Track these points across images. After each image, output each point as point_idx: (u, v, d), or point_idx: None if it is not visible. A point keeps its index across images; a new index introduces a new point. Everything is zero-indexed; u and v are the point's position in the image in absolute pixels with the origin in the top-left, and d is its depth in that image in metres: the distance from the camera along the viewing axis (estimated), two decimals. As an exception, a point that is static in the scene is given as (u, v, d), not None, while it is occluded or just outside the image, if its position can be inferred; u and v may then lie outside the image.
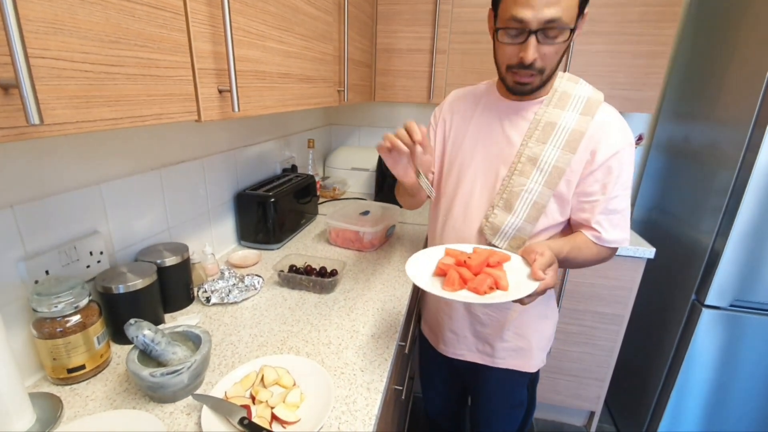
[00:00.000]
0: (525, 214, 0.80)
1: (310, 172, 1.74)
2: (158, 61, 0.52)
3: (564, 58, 0.79)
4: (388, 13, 1.56)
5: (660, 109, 1.73)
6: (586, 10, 0.71)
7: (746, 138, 1.22)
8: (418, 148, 0.73)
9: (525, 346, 0.94)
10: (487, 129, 0.86)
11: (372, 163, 1.89)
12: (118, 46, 0.46)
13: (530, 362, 0.96)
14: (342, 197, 1.87)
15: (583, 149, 0.77)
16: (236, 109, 0.64)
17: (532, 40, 0.67)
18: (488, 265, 0.71)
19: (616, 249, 0.84)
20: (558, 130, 0.77)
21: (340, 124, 2.13)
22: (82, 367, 0.67)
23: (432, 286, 0.67)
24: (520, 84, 0.75)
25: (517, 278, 0.68)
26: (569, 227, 0.87)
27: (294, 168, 1.63)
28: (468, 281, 0.67)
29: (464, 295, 0.66)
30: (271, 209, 1.24)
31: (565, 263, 0.80)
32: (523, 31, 0.67)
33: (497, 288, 0.66)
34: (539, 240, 0.83)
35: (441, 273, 0.71)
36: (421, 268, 0.74)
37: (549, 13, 0.64)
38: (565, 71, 1.21)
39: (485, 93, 0.90)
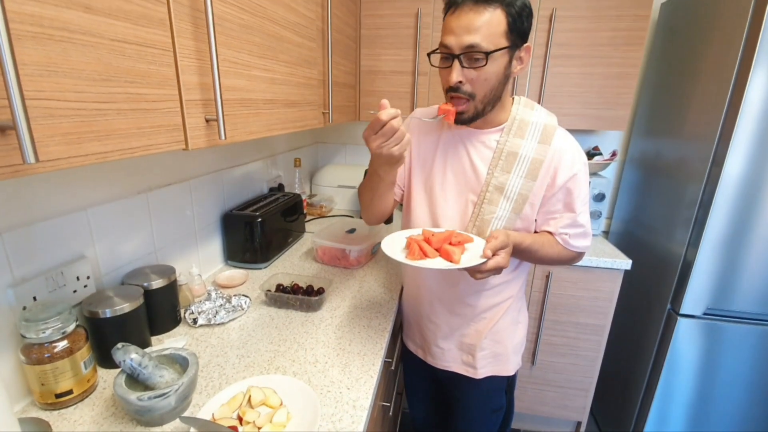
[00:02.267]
0: None
1: (297, 191, 1.77)
2: (147, 95, 0.54)
3: (510, 86, 0.84)
4: (371, 37, 1.62)
5: (632, 126, 1.82)
6: (528, 44, 0.78)
7: (711, 152, 1.29)
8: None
9: (501, 351, 1.00)
10: (454, 155, 0.90)
11: (358, 181, 1.92)
12: (109, 83, 0.48)
13: (507, 366, 1.02)
14: (329, 214, 1.90)
15: (543, 175, 0.84)
16: (223, 137, 0.67)
17: (456, 63, 0.74)
18: (450, 243, 0.79)
19: (581, 254, 0.92)
20: (520, 160, 0.83)
21: (326, 143, 2.16)
22: (70, 392, 0.68)
23: (400, 257, 0.78)
24: (457, 112, 0.79)
25: (473, 257, 0.78)
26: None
27: (281, 187, 1.66)
28: (428, 255, 0.78)
29: (423, 263, 0.76)
30: (258, 229, 1.26)
31: (526, 255, 0.87)
32: (450, 56, 0.75)
33: (450, 261, 0.76)
34: None
35: (409, 246, 0.82)
36: (395, 243, 0.85)
37: (468, 39, 0.72)
38: (525, 95, 1.28)
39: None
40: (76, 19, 0.43)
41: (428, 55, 0.80)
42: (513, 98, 0.89)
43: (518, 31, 0.74)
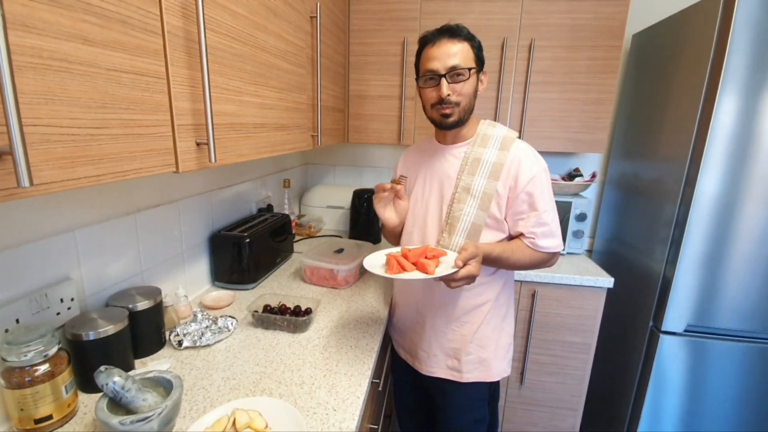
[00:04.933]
0: (466, 233, 0.98)
1: (286, 211, 1.78)
2: (140, 120, 0.56)
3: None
4: (359, 63, 1.68)
5: (610, 148, 1.89)
6: (484, 69, 0.99)
7: (684, 173, 1.35)
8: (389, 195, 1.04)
9: (486, 357, 1.07)
10: (432, 171, 1.06)
11: (347, 201, 1.95)
12: (104, 110, 0.50)
13: (491, 372, 1.08)
14: (317, 235, 1.91)
15: (505, 177, 0.97)
16: (213, 159, 0.69)
17: (444, 81, 0.92)
18: (426, 257, 0.88)
19: (555, 254, 1.01)
20: (483, 164, 0.98)
21: (315, 164, 2.19)
22: (50, 417, 0.66)
23: (379, 272, 0.87)
24: (444, 116, 0.95)
25: (447, 268, 0.86)
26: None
27: (270, 207, 1.67)
28: (406, 268, 0.86)
29: (400, 276, 0.85)
30: (246, 249, 1.26)
31: (499, 262, 0.97)
32: (436, 77, 0.93)
33: (425, 273, 0.85)
34: None
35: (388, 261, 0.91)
36: (375, 261, 0.94)
37: (450, 62, 0.91)
38: (508, 120, 1.42)
39: (428, 143, 1.12)
40: (75, 51, 0.45)
41: (417, 80, 0.99)
42: (479, 120, 1.05)
43: (479, 59, 0.96)
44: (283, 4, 0.97)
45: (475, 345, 1.05)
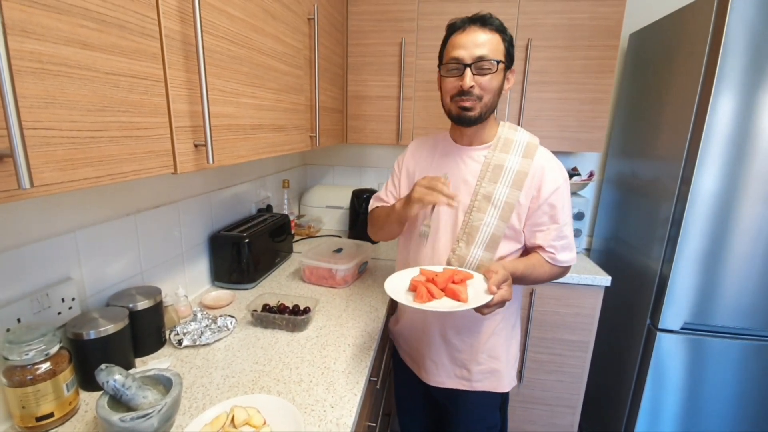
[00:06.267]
0: (485, 244, 0.93)
1: (286, 212, 1.79)
2: (139, 123, 0.57)
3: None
4: (357, 64, 1.69)
5: (608, 148, 1.90)
6: (513, 67, 0.92)
7: (680, 172, 1.36)
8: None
9: (498, 367, 1.03)
10: (447, 171, 0.98)
11: (346, 201, 1.96)
12: (103, 113, 0.51)
13: (502, 382, 1.05)
14: (317, 235, 1.92)
15: (528, 186, 0.92)
16: (211, 161, 0.70)
17: (468, 71, 0.86)
18: (453, 282, 0.83)
19: (568, 267, 0.99)
20: (505, 172, 0.92)
21: (314, 164, 2.20)
22: (51, 415, 0.67)
23: (406, 300, 0.81)
24: (464, 109, 0.88)
25: (477, 292, 0.81)
26: (526, 253, 1.00)
27: (269, 208, 1.68)
28: (435, 296, 0.80)
29: (432, 305, 0.79)
30: (246, 249, 1.27)
31: (521, 280, 0.92)
32: (461, 66, 0.86)
33: (458, 300, 0.79)
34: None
35: (413, 288, 0.84)
36: (397, 285, 0.87)
37: (478, 51, 0.85)
38: (505, 120, 1.40)
39: (441, 140, 1.04)
40: (74, 55, 0.47)
41: (440, 68, 0.93)
42: (498, 122, 0.99)
43: (509, 55, 0.90)
44: (280, 6, 0.98)
45: (486, 355, 1.02)
